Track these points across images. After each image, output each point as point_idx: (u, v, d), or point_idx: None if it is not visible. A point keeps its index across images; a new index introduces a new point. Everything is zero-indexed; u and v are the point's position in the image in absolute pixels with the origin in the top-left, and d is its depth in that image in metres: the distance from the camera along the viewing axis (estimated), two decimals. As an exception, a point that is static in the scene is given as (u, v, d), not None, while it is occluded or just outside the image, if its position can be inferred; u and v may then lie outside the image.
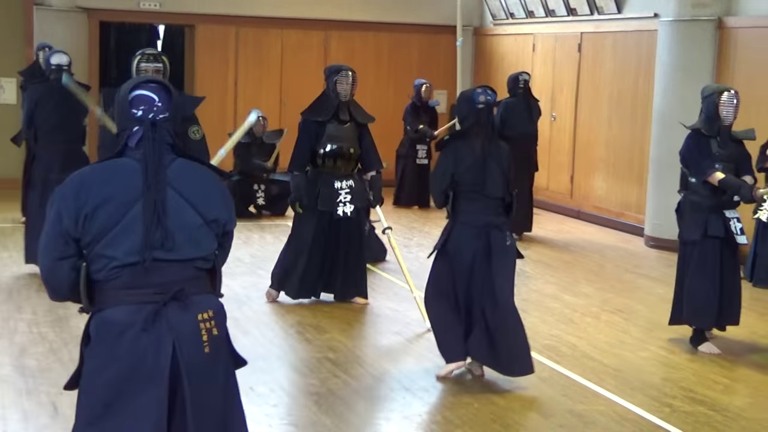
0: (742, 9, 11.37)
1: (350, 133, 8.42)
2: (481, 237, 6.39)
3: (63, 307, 8.28)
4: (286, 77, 16.07)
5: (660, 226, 11.92)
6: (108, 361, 3.44)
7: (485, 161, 6.39)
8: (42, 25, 14.27)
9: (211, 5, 15.51)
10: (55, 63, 9.36)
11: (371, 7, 16.23)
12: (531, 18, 15.18)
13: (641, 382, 6.89)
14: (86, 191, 3.46)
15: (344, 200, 8.23)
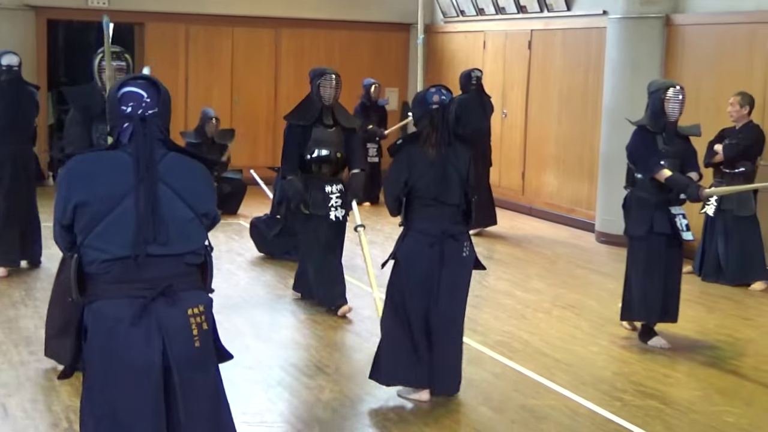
0: (690, 6, 11.49)
1: (336, 137, 8.19)
2: (435, 246, 5.98)
3: (13, 308, 8.22)
4: (236, 75, 16.02)
5: (610, 222, 12.00)
6: (104, 354, 3.54)
7: (442, 166, 6.01)
8: (-12, 24, 14.13)
9: (161, 3, 15.43)
10: (5, 64, 9.40)
11: (322, 5, 16.22)
12: (481, 15, 15.23)
13: (592, 377, 6.95)
14: (78, 180, 3.58)
15: (335, 204, 8.12)
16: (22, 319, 7.90)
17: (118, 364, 3.52)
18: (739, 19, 10.72)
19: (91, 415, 3.63)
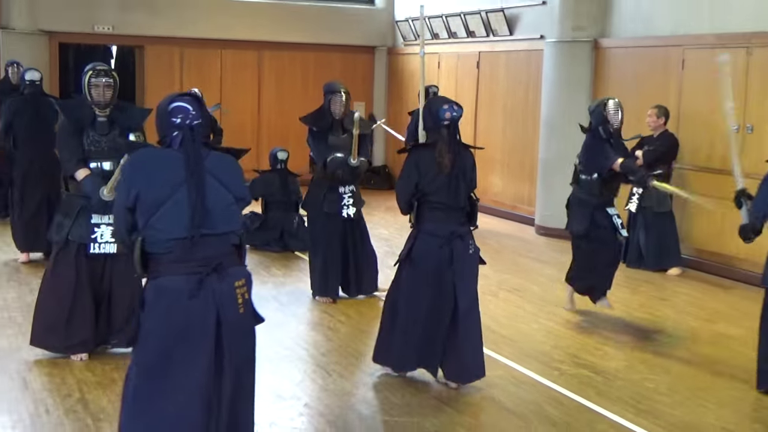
0: (614, 32, 11.56)
1: (347, 142, 7.95)
2: (444, 246, 5.81)
3: (30, 295, 8.13)
4: (225, 91, 15.94)
5: (548, 217, 12.09)
6: (163, 321, 3.79)
7: (451, 174, 5.81)
8: (8, 46, 14.00)
9: (158, 28, 15.31)
10: (29, 79, 9.62)
11: (298, 30, 16.17)
12: (436, 39, 15.24)
13: (534, 350, 6.98)
14: (140, 170, 3.85)
15: (347, 203, 8.03)
16: (39, 304, 7.83)
17: (177, 330, 3.77)
18: (656, 42, 10.80)
19: (142, 370, 3.86)
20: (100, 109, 6.19)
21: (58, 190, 9.36)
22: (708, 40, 10.09)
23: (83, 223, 6.15)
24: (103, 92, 6.17)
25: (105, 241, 6.12)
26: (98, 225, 6.13)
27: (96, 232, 6.14)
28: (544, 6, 12.45)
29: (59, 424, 5.24)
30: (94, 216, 6.12)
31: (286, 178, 10.64)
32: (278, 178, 10.61)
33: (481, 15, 13.85)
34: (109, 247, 6.14)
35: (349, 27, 16.60)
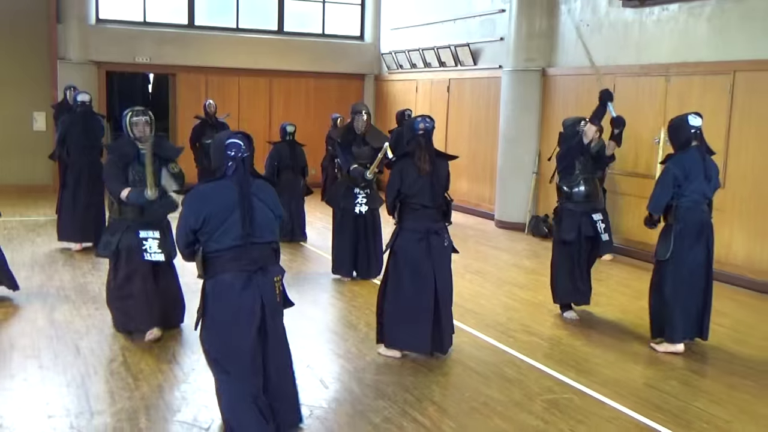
0: (559, 62, 11.57)
1: (368, 153, 8.05)
2: (421, 241, 5.70)
3: (83, 277, 8.10)
4: (242, 110, 15.88)
5: (504, 213, 12.11)
6: (223, 308, 4.10)
7: (427, 177, 5.69)
8: (63, 74, 13.94)
9: (188, 59, 15.26)
10: (80, 100, 9.65)
11: (302, 61, 16.14)
12: (414, 68, 15.23)
13: (493, 321, 6.98)
14: (205, 201, 4.09)
15: (361, 202, 8.16)
16: (90, 285, 7.79)
17: (233, 314, 4.09)
18: (592, 71, 10.79)
19: (212, 347, 4.20)
20: (141, 143, 6.06)
21: (101, 191, 9.41)
22: (634, 70, 10.11)
23: (131, 237, 6.02)
24: (143, 129, 6.06)
25: (154, 251, 6.03)
26: (146, 239, 6.02)
27: (145, 244, 6.01)
28: (502, 42, 12.44)
29: (105, 382, 5.21)
30: (141, 231, 6.00)
31: (294, 148, 10.31)
32: (287, 148, 10.27)
33: (450, 49, 13.84)
34: (158, 256, 6.05)
35: (343, 58, 16.57)
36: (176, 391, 5.09)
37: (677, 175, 6.10)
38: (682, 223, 6.11)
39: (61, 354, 5.74)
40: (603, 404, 5.10)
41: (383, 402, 5.00)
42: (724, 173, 8.75)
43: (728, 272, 8.72)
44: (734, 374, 5.77)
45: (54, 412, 4.69)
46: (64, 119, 9.60)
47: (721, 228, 8.93)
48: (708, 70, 9.06)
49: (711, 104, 8.98)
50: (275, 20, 16.24)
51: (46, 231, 10.44)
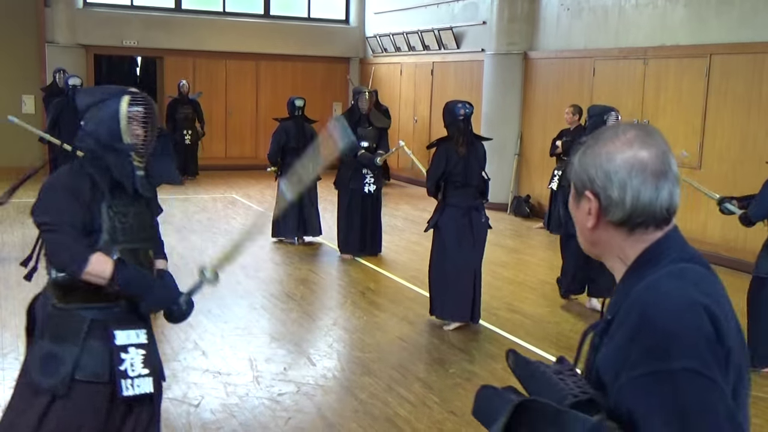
0: (540, 46, 11.55)
1: (372, 134, 8.35)
2: (464, 216, 5.96)
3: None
4: (229, 94, 15.80)
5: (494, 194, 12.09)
6: None
7: (467, 159, 5.95)
8: (52, 58, 13.79)
9: (175, 43, 15.12)
10: (71, 84, 9.52)
11: (288, 44, 16.02)
12: (399, 52, 15.16)
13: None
14: None
15: (369, 182, 8.28)
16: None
17: None
18: (573, 55, 10.81)
19: None
20: None
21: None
22: (613, 53, 10.11)
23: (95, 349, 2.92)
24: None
25: (138, 375, 2.95)
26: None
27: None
28: (485, 26, 12.40)
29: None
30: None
31: (303, 125, 8.91)
32: (294, 126, 8.83)
33: (434, 32, 13.78)
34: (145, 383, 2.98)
35: (329, 42, 16.47)
36: (166, 369, 5.03)
37: None
38: None
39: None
40: (583, 379, 5.13)
41: (369, 378, 5.02)
42: (700, 154, 8.79)
43: (704, 251, 8.77)
44: (709, 349, 5.81)
45: (46, 390, 4.66)
46: (55, 103, 9.51)
47: (697, 208, 8.99)
48: (685, 53, 9.08)
49: (688, 87, 9.01)
50: (261, 4, 16.09)
51: (37, 213, 10.34)
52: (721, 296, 1.42)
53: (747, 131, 8.39)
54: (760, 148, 8.27)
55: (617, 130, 1.50)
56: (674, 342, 1.29)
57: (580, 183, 1.50)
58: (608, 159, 1.45)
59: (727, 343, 1.33)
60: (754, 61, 8.27)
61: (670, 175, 1.47)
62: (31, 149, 13.50)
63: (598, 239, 1.52)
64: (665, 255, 1.45)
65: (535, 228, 10.58)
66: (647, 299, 1.36)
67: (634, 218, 1.45)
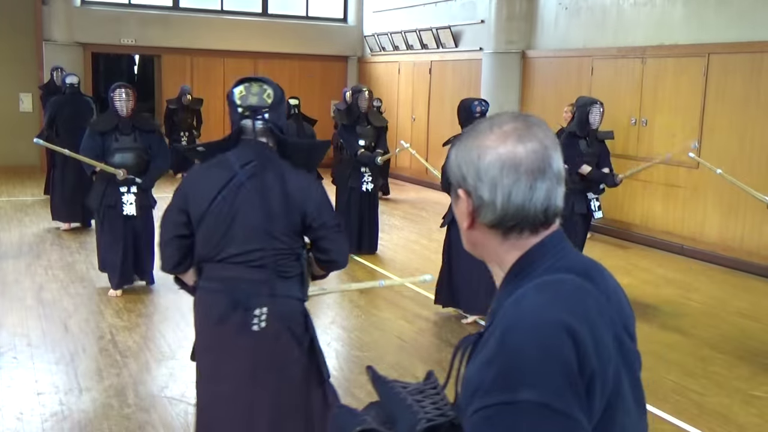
0: (538, 45, 11.55)
1: (371, 132, 8.36)
2: None
3: (70, 256, 8.03)
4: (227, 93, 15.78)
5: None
6: None
7: None
8: (49, 55, 13.74)
9: (172, 41, 15.09)
10: (68, 82, 9.48)
11: (286, 42, 16.00)
12: (397, 51, 15.15)
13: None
14: None
15: (367, 180, 8.27)
16: (78, 264, 7.72)
17: None
18: (570, 54, 10.81)
19: None
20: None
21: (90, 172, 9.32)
22: (611, 52, 10.11)
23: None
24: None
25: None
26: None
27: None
28: (483, 24, 12.39)
29: (93, 360, 5.18)
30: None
31: (302, 124, 8.74)
32: (293, 125, 8.44)
33: (432, 31, 13.77)
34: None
35: (327, 40, 16.45)
36: (164, 368, 5.07)
37: None
38: None
39: (50, 332, 5.70)
40: (580, 378, 5.12)
41: (367, 377, 5.00)
42: (698, 153, 8.79)
43: (702, 249, 8.79)
44: (706, 348, 5.82)
45: (43, 389, 4.66)
46: (53, 101, 9.48)
47: (695, 206, 9.00)
48: (683, 52, 9.07)
49: (686, 86, 9.01)
50: (259, 2, 16.08)
51: (34, 211, 10.35)
52: (594, 312, 1.24)
53: (745, 130, 8.39)
54: (758, 146, 8.28)
55: (493, 122, 1.36)
56: (526, 369, 1.15)
57: (454, 179, 1.37)
58: (480, 155, 1.31)
59: (591, 367, 1.18)
60: (753, 60, 8.27)
61: (550, 174, 1.32)
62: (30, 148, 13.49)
63: (476, 241, 1.38)
64: (538, 264, 1.32)
65: None
66: (509, 317, 1.22)
67: (506, 221, 1.31)
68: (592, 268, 1.35)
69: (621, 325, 1.30)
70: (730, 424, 4.51)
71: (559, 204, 1.35)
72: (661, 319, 6.44)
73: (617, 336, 1.27)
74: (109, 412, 4.37)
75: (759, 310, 6.89)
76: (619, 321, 1.30)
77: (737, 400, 4.86)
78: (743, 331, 6.26)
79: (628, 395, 1.28)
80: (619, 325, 1.30)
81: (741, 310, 6.91)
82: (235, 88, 3.02)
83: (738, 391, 5.01)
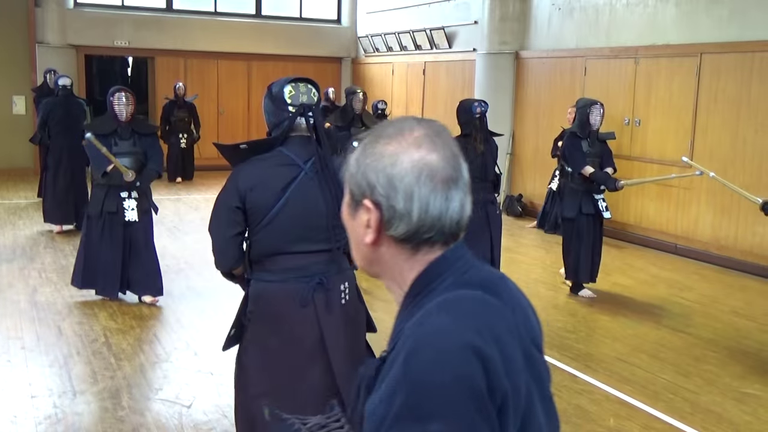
0: (531, 45, 11.57)
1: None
2: (482, 209, 6.14)
3: (64, 258, 8.02)
4: (221, 94, 15.78)
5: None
6: None
7: (483, 155, 6.15)
8: (42, 58, 13.73)
9: (166, 43, 15.08)
10: (61, 84, 9.42)
11: (280, 44, 16.01)
12: (390, 52, 15.16)
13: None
14: None
15: None
16: (71, 266, 7.69)
17: None
18: (564, 54, 10.83)
19: None
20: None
21: (82, 174, 9.29)
22: (604, 53, 10.14)
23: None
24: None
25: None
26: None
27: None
28: (476, 25, 12.41)
29: (87, 362, 5.17)
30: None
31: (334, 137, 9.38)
32: None
33: (426, 32, 13.78)
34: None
35: (321, 42, 16.47)
36: (158, 370, 5.07)
37: None
38: None
39: (44, 335, 5.69)
40: (575, 377, 5.14)
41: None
42: (691, 153, 8.82)
43: (695, 248, 8.82)
44: (700, 346, 5.84)
45: (37, 392, 4.65)
46: (45, 103, 9.47)
47: (688, 206, 9.03)
48: (675, 52, 9.11)
49: (678, 86, 9.04)
50: (253, 4, 16.08)
51: (28, 214, 10.32)
52: (501, 328, 1.17)
53: (737, 130, 8.42)
54: (750, 146, 8.31)
55: (402, 127, 1.26)
56: (433, 399, 1.08)
57: (357, 189, 1.25)
58: (393, 162, 1.21)
59: (502, 388, 1.12)
60: (744, 60, 8.31)
61: (461, 183, 1.25)
62: (23, 150, 13.48)
63: (378, 257, 1.27)
64: (441, 280, 1.23)
65: (528, 227, 10.60)
66: (412, 341, 1.13)
67: (422, 233, 1.22)
68: (496, 281, 1.28)
69: (528, 339, 1.24)
70: (723, 422, 4.53)
71: (469, 213, 1.28)
72: (655, 317, 6.46)
73: (526, 351, 1.20)
74: (103, 415, 4.37)
75: (752, 309, 6.92)
76: (526, 335, 1.24)
77: (730, 399, 4.88)
78: (737, 330, 6.28)
79: (539, 411, 1.21)
80: (526, 339, 1.23)
81: (734, 309, 6.93)
82: (284, 88, 3.15)
83: (731, 389, 5.03)
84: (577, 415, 4.56)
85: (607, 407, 4.69)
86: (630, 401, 4.77)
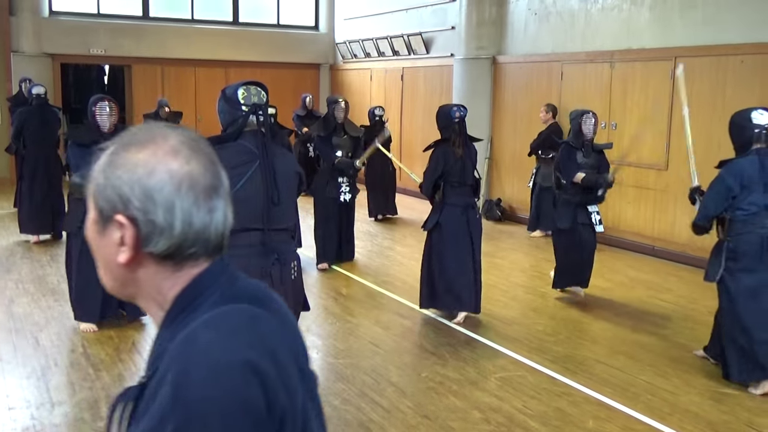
0: (508, 50, 11.63)
1: (348, 143, 8.30)
2: (462, 214, 6.22)
3: (41, 269, 7.94)
4: (199, 101, 15.71)
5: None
6: None
7: (462, 159, 6.20)
8: (18, 67, 13.61)
9: (143, 50, 14.99)
10: (35, 93, 9.34)
11: (257, 51, 15.98)
12: (368, 58, 15.18)
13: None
14: None
15: (344, 190, 8.21)
16: (48, 277, 7.64)
17: None
18: (541, 59, 10.90)
19: None
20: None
21: (58, 183, 9.20)
22: (580, 57, 10.22)
23: None
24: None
25: None
26: None
27: None
28: (453, 30, 12.46)
29: (65, 373, 5.13)
30: None
31: (274, 133, 9.18)
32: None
33: (404, 38, 13.82)
34: None
35: (299, 48, 16.46)
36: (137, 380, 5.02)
37: (731, 185, 5.25)
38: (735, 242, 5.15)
39: (21, 346, 5.63)
40: (554, 380, 5.17)
41: (342, 384, 5.01)
42: (666, 156, 8.90)
43: (672, 250, 8.90)
44: (678, 348, 5.89)
45: (14, 404, 4.61)
46: (20, 112, 9.39)
47: (665, 208, 9.11)
48: (650, 56, 9.19)
49: (654, 89, 9.13)
50: (230, 11, 16.05)
51: (4, 224, 10.22)
52: (274, 342, 1.12)
53: (711, 132, 8.51)
54: (724, 149, 8.37)
55: (154, 134, 1.17)
56: (208, 422, 1.01)
57: (107, 204, 1.14)
58: (148, 172, 1.12)
59: (280, 405, 1.07)
60: (718, 63, 8.40)
61: (223, 192, 1.18)
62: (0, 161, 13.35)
63: (134, 277, 1.17)
64: (207, 295, 1.16)
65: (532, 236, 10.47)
66: (181, 362, 1.05)
67: (185, 248, 1.14)
68: (264, 293, 1.23)
69: (297, 351, 1.20)
70: (701, 422, 4.57)
71: (231, 223, 1.22)
72: (633, 319, 6.51)
73: (297, 363, 1.17)
74: (82, 426, 4.33)
75: (729, 309, 6.98)
76: (295, 346, 1.20)
77: (708, 398, 4.93)
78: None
79: (314, 424, 1.18)
80: (298, 352, 1.19)
81: (711, 309, 6.95)
82: (238, 91, 3.73)
83: (709, 389, 5.08)
84: (557, 418, 4.58)
85: (587, 409, 4.72)
86: (609, 403, 4.80)
